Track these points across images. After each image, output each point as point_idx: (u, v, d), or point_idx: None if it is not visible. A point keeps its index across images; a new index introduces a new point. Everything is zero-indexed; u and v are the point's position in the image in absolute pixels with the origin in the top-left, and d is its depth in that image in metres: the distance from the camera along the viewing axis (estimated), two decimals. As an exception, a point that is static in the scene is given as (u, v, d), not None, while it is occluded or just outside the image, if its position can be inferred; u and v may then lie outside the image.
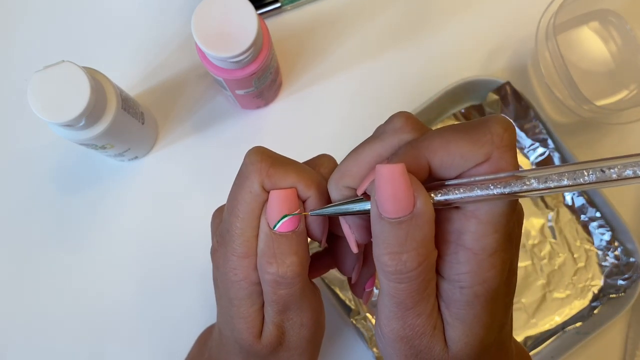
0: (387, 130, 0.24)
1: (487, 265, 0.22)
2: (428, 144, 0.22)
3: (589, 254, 0.47)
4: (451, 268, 0.22)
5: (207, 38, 0.36)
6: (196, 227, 0.47)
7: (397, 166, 0.21)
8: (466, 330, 0.23)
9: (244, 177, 0.25)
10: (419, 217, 0.21)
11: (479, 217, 0.21)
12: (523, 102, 0.47)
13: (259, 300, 0.26)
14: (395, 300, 0.22)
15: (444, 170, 0.22)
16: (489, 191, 0.20)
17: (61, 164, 0.48)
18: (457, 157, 0.21)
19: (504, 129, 0.21)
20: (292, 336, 0.27)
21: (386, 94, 0.50)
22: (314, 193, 0.25)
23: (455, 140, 0.21)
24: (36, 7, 0.51)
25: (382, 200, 0.21)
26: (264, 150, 0.26)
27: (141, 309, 0.47)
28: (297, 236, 0.25)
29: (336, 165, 0.28)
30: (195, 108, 0.49)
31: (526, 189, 0.19)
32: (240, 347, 0.28)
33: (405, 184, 0.20)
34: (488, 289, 0.22)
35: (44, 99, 0.35)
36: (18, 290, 0.47)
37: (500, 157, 0.21)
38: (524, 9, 0.50)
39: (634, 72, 0.50)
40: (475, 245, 0.22)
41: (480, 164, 0.21)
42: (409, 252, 0.21)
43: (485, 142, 0.21)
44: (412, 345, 0.23)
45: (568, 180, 0.19)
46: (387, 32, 0.50)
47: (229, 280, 0.26)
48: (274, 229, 0.25)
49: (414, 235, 0.21)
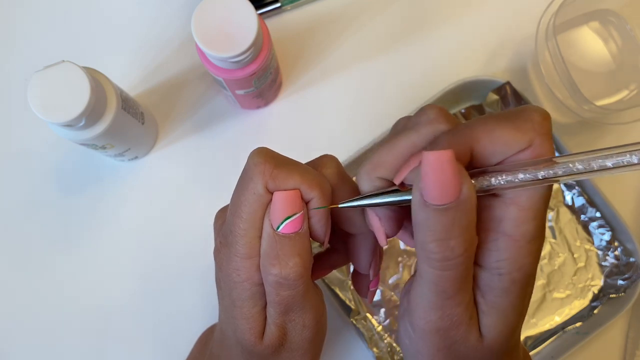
0: (421, 121, 0.24)
1: (526, 252, 0.22)
2: (471, 131, 0.22)
3: (589, 254, 0.47)
4: (490, 255, 0.23)
5: (207, 38, 0.36)
6: (197, 227, 0.47)
7: (446, 152, 0.20)
8: (502, 318, 0.23)
9: (247, 178, 0.25)
10: (464, 203, 0.21)
11: (520, 203, 0.22)
12: (523, 102, 0.47)
13: (261, 301, 0.26)
14: (438, 288, 0.22)
15: (486, 157, 0.22)
16: (533, 174, 0.20)
17: (61, 164, 0.48)
18: (500, 144, 0.21)
19: (543, 117, 0.21)
20: (295, 337, 0.27)
21: (386, 94, 0.50)
22: (318, 194, 0.25)
23: (499, 128, 0.21)
24: (36, 7, 0.51)
25: (429, 187, 0.21)
26: (268, 151, 0.25)
27: (142, 309, 0.47)
28: (301, 237, 0.25)
29: (339, 166, 0.28)
30: (195, 108, 0.49)
31: (570, 172, 0.20)
32: (242, 347, 0.28)
33: (453, 171, 0.20)
34: (525, 275, 0.22)
35: (44, 99, 0.35)
36: (18, 290, 0.47)
37: (541, 144, 0.21)
38: (524, 9, 0.50)
39: (634, 72, 0.50)
40: (515, 232, 0.22)
41: (522, 151, 0.21)
42: (456, 239, 0.21)
43: (527, 129, 0.21)
44: (447, 337, 0.23)
45: (611, 161, 0.19)
46: (387, 32, 0.50)
47: (232, 281, 0.26)
48: (277, 230, 0.25)
49: (460, 222, 0.21)
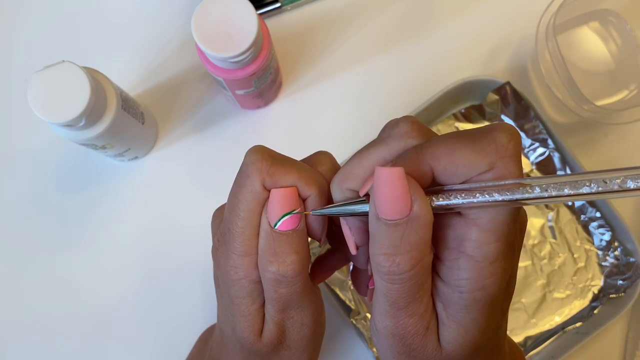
0: (392, 134, 0.24)
1: (487, 273, 0.22)
2: (432, 150, 0.22)
3: (589, 254, 0.47)
4: (451, 273, 0.23)
5: (207, 38, 0.36)
6: (196, 227, 0.47)
7: (396, 169, 0.21)
8: (462, 332, 0.23)
9: (244, 175, 0.25)
10: (414, 221, 0.21)
11: (481, 225, 0.21)
12: (523, 102, 0.47)
13: (259, 299, 0.26)
14: (388, 299, 0.23)
15: (447, 177, 0.22)
16: (490, 197, 0.20)
17: (61, 164, 0.48)
18: (461, 166, 0.21)
19: (508, 138, 0.21)
20: (293, 335, 0.27)
21: (386, 94, 0.50)
22: (315, 192, 0.26)
23: (459, 149, 0.21)
24: (36, 7, 0.51)
25: (380, 201, 0.21)
26: (265, 149, 0.26)
27: (142, 309, 0.47)
28: (298, 235, 0.25)
29: (334, 163, 0.28)
30: (195, 108, 0.49)
31: (528, 197, 0.20)
32: (241, 345, 0.28)
33: (403, 187, 0.21)
34: (487, 295, 0.22)
35: (44, 99, 0.35)
36: (18, 290, 0.47)
37: (504, 167, 0.21)
38: (524, 9, 0.50)
39: (634, 72, 0.50)
40: (476, 253, 0.22)
41: (484, 173, 0.21)
42: (403, 255, 0.21)
43: (489, 151, 0.21)
44: (405, 344, 0.24)
45: (570, 189, 0.19)
46: (387, 33, 0.50)
47: (230, 279, 0.26)
48: (274, 228, 0.25)
49: (408, 238, 0.21)
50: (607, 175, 0.18)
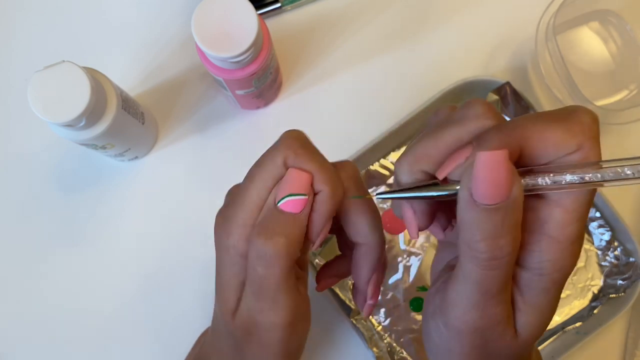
0: (468, 115, 0.23)
1: (568, 254, 0.22)
2: (521, 130, 0.21)
3: (589, 254, 0.47)
4: (532, 256, 0.22)
5: (207, 38, 0.36)
6: (196, 227, 0.47)
7: (500, 152, 0.20)
8: (538, 316, 0.23)
9: (273, 147, 0.26)
10: (514, 203, 0.21)
11: (565, 205, 0.22)
12: (523, 102, 0.47)
13: (241, 274, 0.26)
14: (482, 288, 0.22)
15: (534, 157, 0.22)
16: (580, 177, 0.20)
17: (61, 164, 0.48)
18: (550, 146, 0.21)
19: (593, 120, 0.21)
20: (264, 333, 0.27)
21: (386, 94, 0.50)
22: (327, 190, 0.25)
23: (550, 129, 0.21)
24: (36, 7, 0.51)
25: (482, 186, 0.20)
26: (301, 133, 0.26)
27: (142, 309, 0.47)
28: (294, 220, 0.25)
29: (356, 172, 0.28)
30: (196, 108, 0.49)
31: (618, 177, 0.20)
32: (224, 324, 0.28)
33: (507, 171, 0.20)
34: (564, 276, 0.23)
35: (44, 99, 0.35)
36: (18, 290, 0.47)
37: (591, 148, 0.21)
38: (524, 9, 0.50)
39: (634, 72, 0.50)
40: (559, 234, 0.22)
41: (571, 154, 0.21)
42: (505, 237, 0.21)
43: (577, 132, 0.21)
44: (484, 336, 0.23)
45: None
46: (387, 33, 0.50)
47: (221, 243, 0.26)
48: (277, 205, 0.25)
49: (509, 221, 0.21)
50: None
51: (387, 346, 0.45)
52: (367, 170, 0.48)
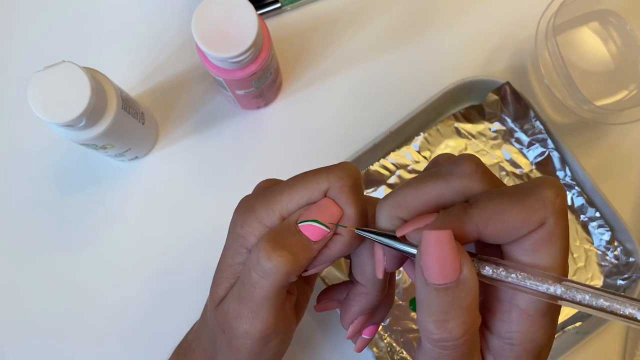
0: (455, 172, 0.23)
1: (539, 326, 0.22)
2: (480, 212, 0.21)
3: (589, 253, 0.47)
4: (502, 326, 0.22)
5: (207, 38, 0.36)
6: (197, 227, 0.47)
7: (444, 233, 0.20)
8: None
9: (324, 171, 0.26)
10: (464, 284, 0.21)
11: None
12: (523, 102, 0.47)
13: (240, 268, 0.26)
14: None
15: (498, 237, 0.21)
16: (540, 288, 0.21)
17: (61, 164, 0.48)
18: (511, 227, 0.21)
19: (555, 194, 0.21)
20: (235, 337, 0.27)
21: (386, 94, 0.50)
22: (346, 238, 0.26)
23: (508, 210, 0.21)
24: (36, 7, 0.51)
25: (428, 265, 0.21)
26: (357, 172, 0.26)
27: (142, 309, 0.47)
28: (307, 246, 0.25)
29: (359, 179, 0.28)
30: (196, 108, 0.49)
31: (572, 300, 0.20)
32: (209, 309, 0.28)
33: (452, 251, 0.20)
34: (537, 346, 0.22)
35: (44, 99, 0.35)
36: (18, 290, 0.47)
37: (555, 224, 0.21)
38: (524, 9, 0.50)
39: (633, 72, 0.50)
40: (529, 307, 0.22)
41: (534, 231, 0.21)
42: (455, 320, 0.21)
43: (538, 208, 0.21)
44: None
45: (626, 309, 0.20)
46: (387, 33, 0.50)
47: (235, 230, 0.26)
48: (298, 224, 0.25)
49: (459, 303, 0.21)
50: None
51: (387, 346, 0.45)
52: (367, 170, 0.48)
